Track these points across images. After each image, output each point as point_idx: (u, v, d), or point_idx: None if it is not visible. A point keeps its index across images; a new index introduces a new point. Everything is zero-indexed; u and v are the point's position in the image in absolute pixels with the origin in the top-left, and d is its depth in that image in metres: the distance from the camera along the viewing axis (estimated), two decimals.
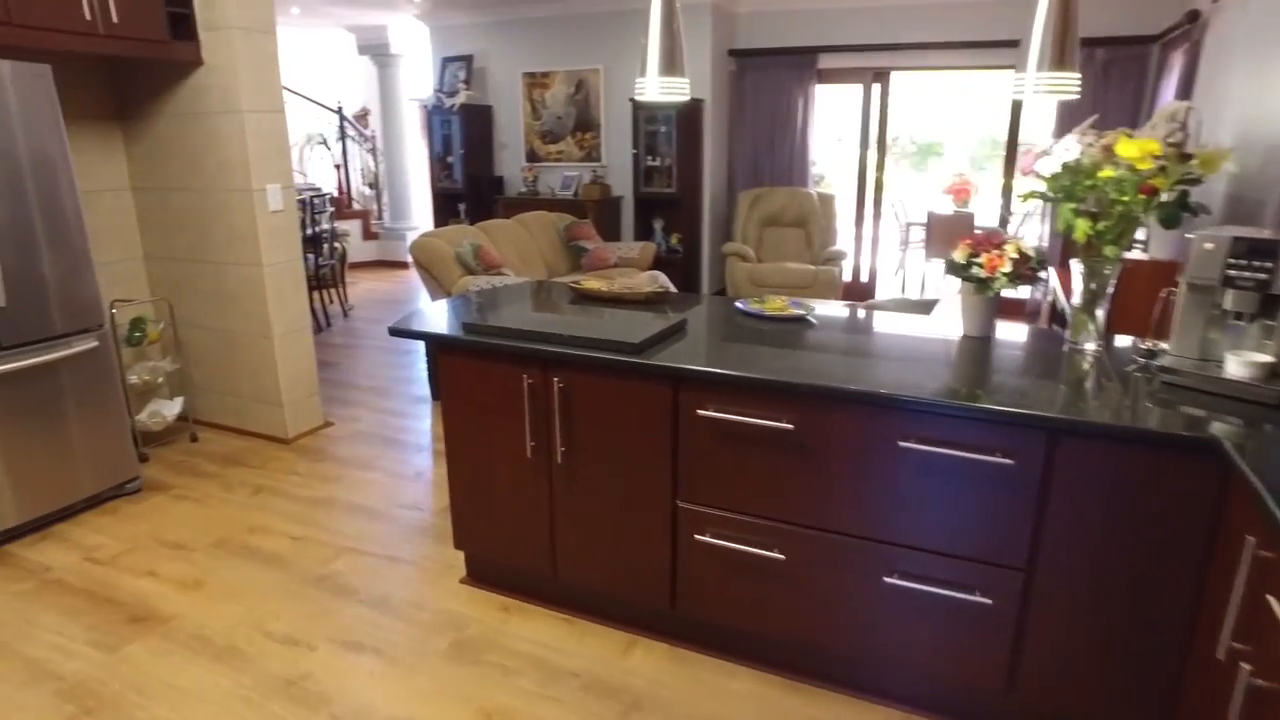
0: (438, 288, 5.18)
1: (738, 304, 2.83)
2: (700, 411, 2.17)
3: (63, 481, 3.28)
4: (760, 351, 2.26)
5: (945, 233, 8.08)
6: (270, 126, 3.79)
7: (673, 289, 3.82)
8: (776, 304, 2.85)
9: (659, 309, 2.81)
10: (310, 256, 6.32)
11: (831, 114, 7.49)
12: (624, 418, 2.31)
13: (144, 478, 3.69)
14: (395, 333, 2.62)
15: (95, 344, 3.32)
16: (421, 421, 4.44)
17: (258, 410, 4.15)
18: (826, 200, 7.02)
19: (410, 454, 4.00)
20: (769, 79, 7.07)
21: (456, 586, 2.85)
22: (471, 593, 2.81)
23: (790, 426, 2.06)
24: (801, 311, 2.71)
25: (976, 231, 2.52)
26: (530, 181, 7.57)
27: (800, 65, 6.95)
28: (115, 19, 3.31)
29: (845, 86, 7.20)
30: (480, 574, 2.87)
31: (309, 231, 6.27)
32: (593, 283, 3.08)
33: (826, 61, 6.95)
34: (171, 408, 4.06)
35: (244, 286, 3.93)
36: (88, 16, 3.22)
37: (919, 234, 8.67)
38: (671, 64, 2.42)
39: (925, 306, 3.63)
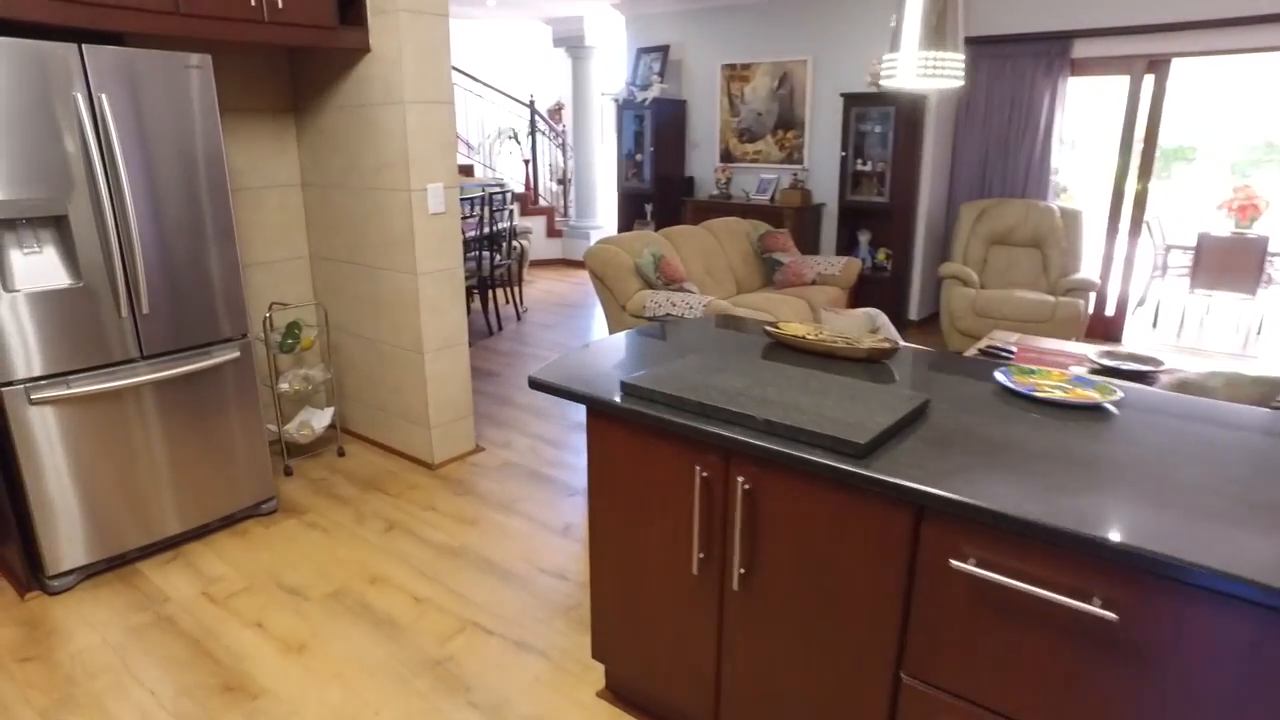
0: (611, 300, 4.66)
1: (998, 376, 2.03)
2: (955, 563, 1.43)
3: (198, 500, 3.03)
4: (1047, 466, 1.48)
5: (1222, 260, 6.60)
6: (435, 120, 3.38)
7: (895, 335, 3.03)
8: (1053, 378, 2.02)
9: (883, 374, 2.07)
10: (486, 254, 6.04)
11: (1078, 112, 6.27)
12: (835, 545, 1.60)
13: (280, 496, 3.42)
14: (536, 386, 2.06)
15: (237, 354, 3.04)
16: (578, 455, 3.93)
17: (405, 429, 3.80)
18: (1071, 217, 5.85)
19: (561, 497, 3.48)
20: (1008, 71, 5.99)
21: (593, 701, 2.26)
22: (611, 713, 2.21)
23: (1113, 617, 1.27)
24: (1096, 396, 1.87)
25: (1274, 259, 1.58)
26: (723, 183, 6.94)
27: (1049, 54, 5.82)
28: (280, 4, 3.00)
29: (1103, 79, 5.98)
30: (625, 691, 2.26)
31: (487, 229, 5.98)
32: (795, 327, 2.38)
33: (1083, 49, 5.77)
34: (321, 418, 3.79)
35: (396, 295, 3.57)
36: (252, 3, 2.92)
37: (1178, 259, 7.18)
38: (940, 34, 1.66)
39: (1272, 389, 2.60)
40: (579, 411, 4.49)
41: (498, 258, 6.30)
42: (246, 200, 3.67)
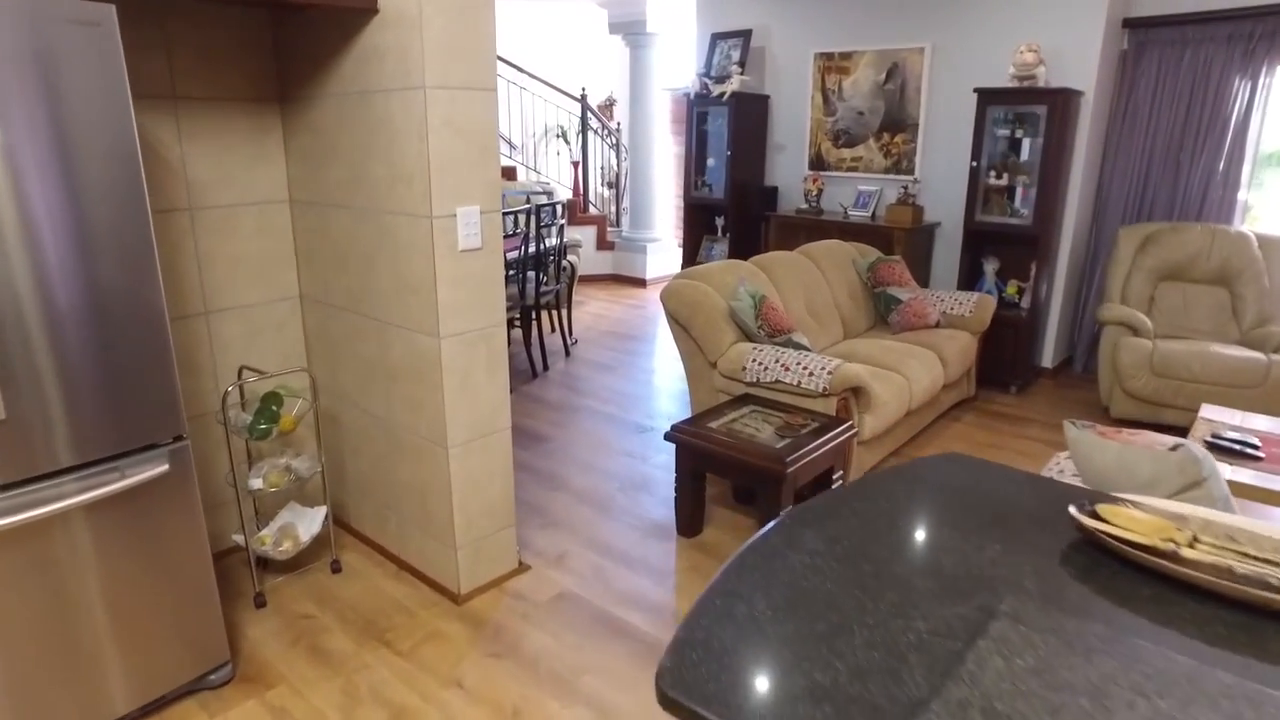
0: (697, 354, 3.57)
1: None
2: None
3: (106, 685, 2.00)
4: None
5: None
6: (471, 113, 2.31)
7: (1226, 493, 1.87)
8: None
9: None
10: (532, 274, 4.98)
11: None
12: None
13: (240, 653, 2.38)
14: (670, 707, 0.96)
15: (165, 467, 2.01)
16: (660, 581, 2.84)
17: (422, 543, 2.75)
18: (1273, 247, 4.63)
19: (640, 664, 2.39)
20: (1185, 59, 4.77)
21: None
22: None
23: None
24: None
25: None
26: (813, 196, 5.80)
27: (1243, 35, 4.59)
28: None
29: None
30: None
31: (534, 248, 4.92)
32: (1141, 521, 1.25)
33: None
34: (309, 522, 2.76)
35: (412, 362, 2.51)
36: None
37: None
38: None
39: None
40: (657, 504, 3.39)
41: (544, 279, 5.24)
42: (212, 223, 2.64)
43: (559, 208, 5.42)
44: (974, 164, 4.89)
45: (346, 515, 3.09)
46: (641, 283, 7.90)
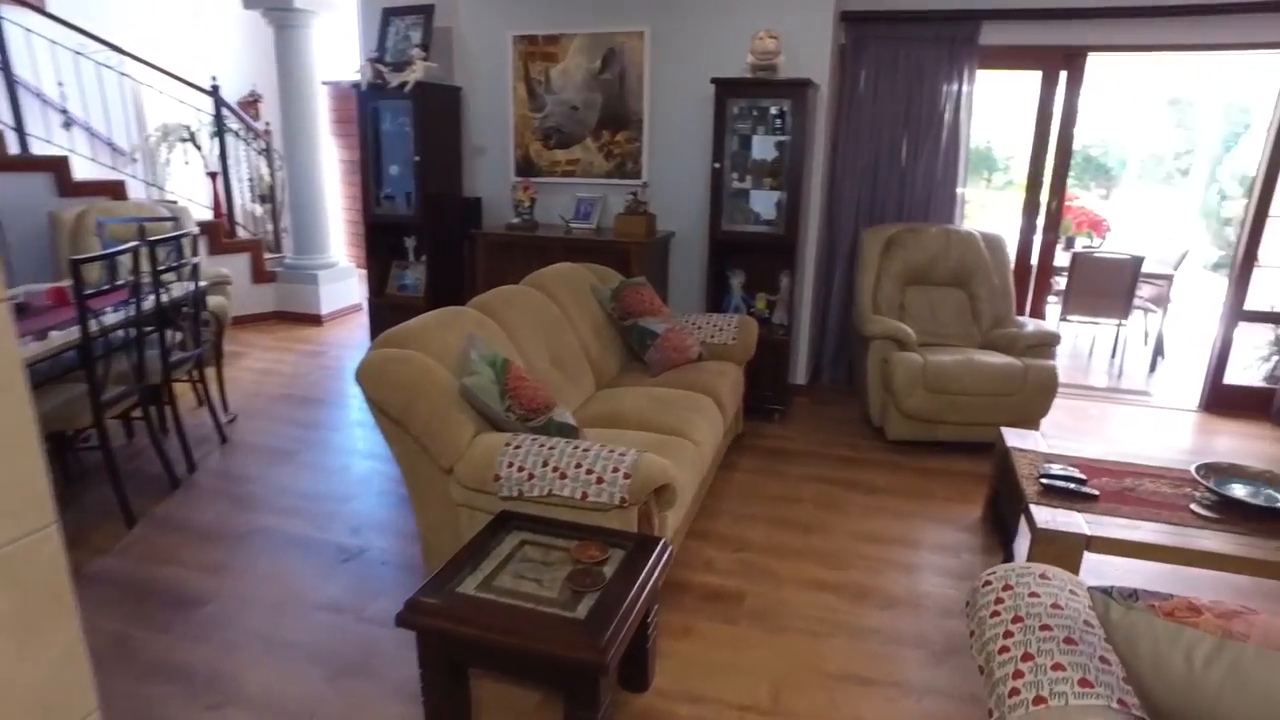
0: (420, 456, 2.44)
1: None
2: None
3: None
4: None
5: (1095, 284, 5.79)
6: None
7: None
8: None
9: None
10: (156, 337, 3.42)
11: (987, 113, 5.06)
12: None
13: None
14: None
15: None
16: None
17: None
18: (996, 246, 4.57)
19: None
20: (900, 57, 4.56)
21: None
22: None
23: None
24: None
25: None
26: (526, 207, 4.82)
27: (953, 38, 4.48)
28: None
29: (1017, 74, 4.80)
30: None
31: (154, 299, 3.36)
32: None
33: (993, 34, 4.50)
34: None
35: None
36: None
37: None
38: None
39: None
40: (395, 697, 2.19)
41: (176, 341, 3.68)
42: None
43: (189, 240, 3.85)
44: (716, 165, 4.26)
45: None
46: (316, 319, 6.36)
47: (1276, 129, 4.47)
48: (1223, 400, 4.89)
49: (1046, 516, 2.50)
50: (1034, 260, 5.00)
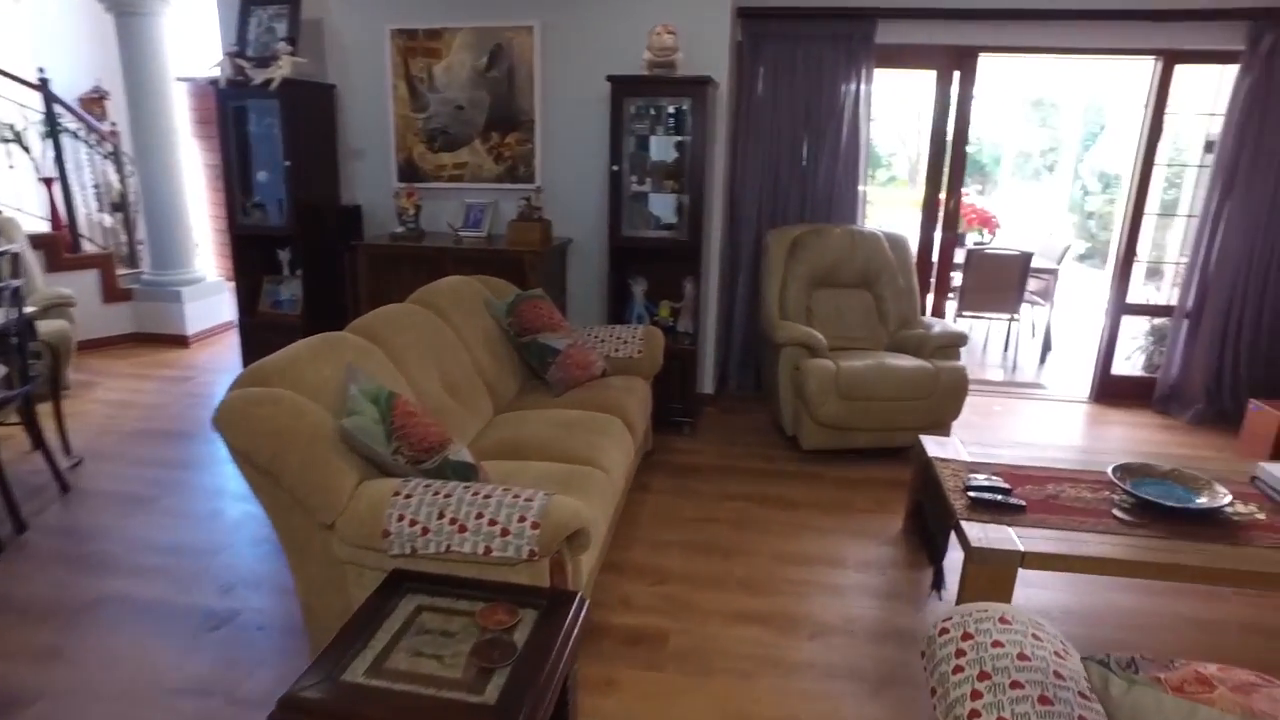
0: (294, 510, 2.11)
1: None
2: None
3: None
4: None
5: (989, 280, 5.91)
6: None
7: None
8: None
9: None
10: None
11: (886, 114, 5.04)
12: None
13: None
14: None
15: None
16: None
17: None
18: (900, 246, 4.54)
19: None
20: (799, 55, 4.48)
21: None
22: None
23: None
24: None
25: None
26: (411, 215, 4.47)
27: (850, 36, 4.42)
28: None
29: (914, 73, 4.79)
30: None
31: None
32: None
33: (890, 33, 4.47)
34: None
35: None
36: None
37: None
38: None
39: None
40: None
41: (2, 373, 3.16)
42: None
43: (8, 259, 3.32)
44: (614, 168, 4.03)
45: None
46: (182, 341, 5.78)
47: (1148, 133, 4.62)
48: (1110, 391, 5.04)
49: (979, 534, 2.40)
50: (934, 257, 5.01)
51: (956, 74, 4.63)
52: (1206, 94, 5.08)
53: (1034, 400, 5.11)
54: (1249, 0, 4.16)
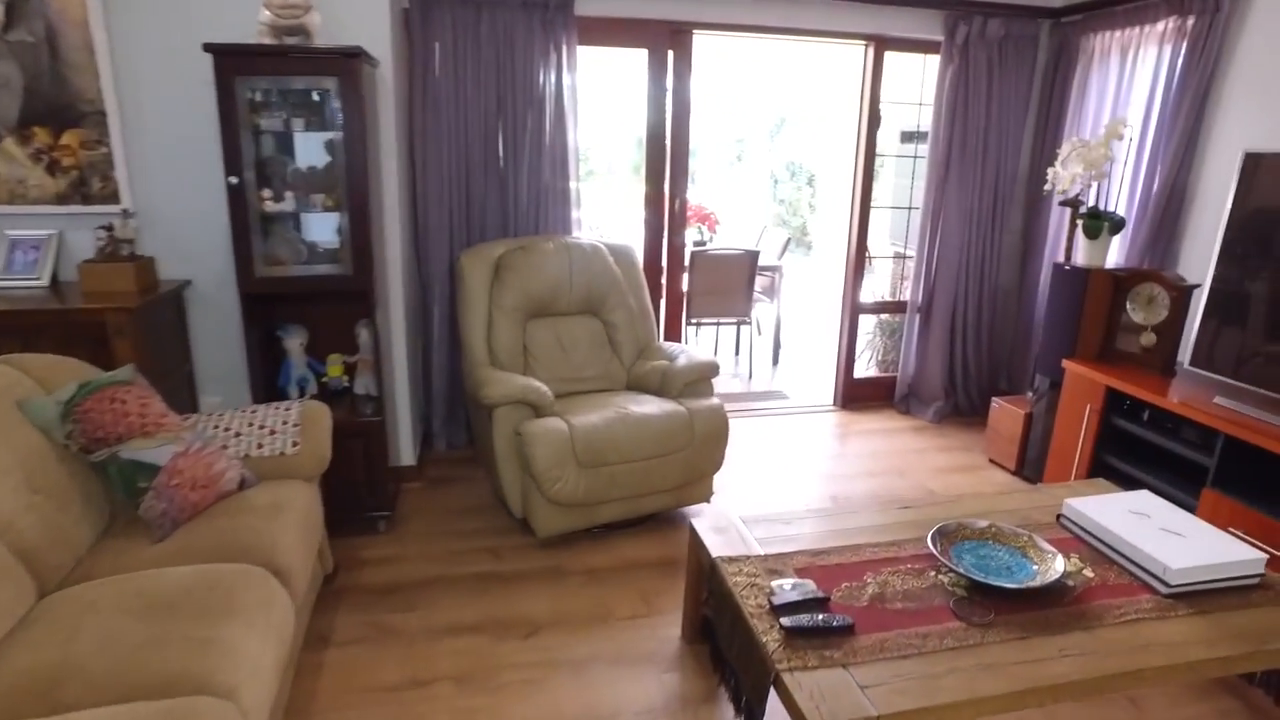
0: None
1: None
2: None
3: None
4: None
5: (716, 282, 5.45)
6: None
7: None
8: None
9: None
10: None
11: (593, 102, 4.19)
12: None
13: None
14: None
15: None
16: None
17: None
18: (625, 258, 3.79)
19: None
20: (485, 28, 3.55)
21: None
22: None
23: None
24: None
25: None
26: None
27: (545, 4, 3.57)
28: None
29: (624, 52, 4.03)
30: None
31: None
32: None
33: (591, 3, 3.70)
34: None
35: None
36: None
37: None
38: None
39: None
40: None
41: None
42: None
43: None
44: (232, 179, 2.79)
45: None
46: None
47: (866, 123, 4.34)
48: (855, 395, 4.76)
49: (811, 693, 1.66)
50: (664, 264, 4.35)
51: (670, 54, 3.97)
52: (906, 84, 4.95)
53: (782, 414, 4.67)
54: None
